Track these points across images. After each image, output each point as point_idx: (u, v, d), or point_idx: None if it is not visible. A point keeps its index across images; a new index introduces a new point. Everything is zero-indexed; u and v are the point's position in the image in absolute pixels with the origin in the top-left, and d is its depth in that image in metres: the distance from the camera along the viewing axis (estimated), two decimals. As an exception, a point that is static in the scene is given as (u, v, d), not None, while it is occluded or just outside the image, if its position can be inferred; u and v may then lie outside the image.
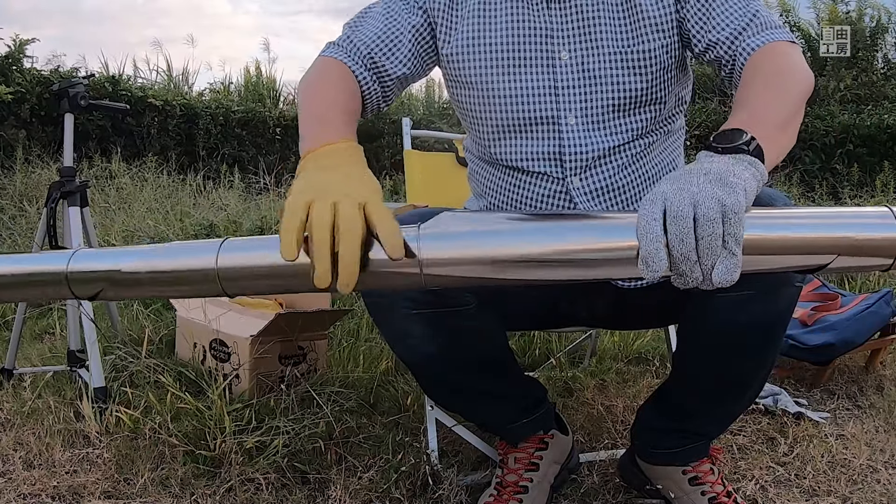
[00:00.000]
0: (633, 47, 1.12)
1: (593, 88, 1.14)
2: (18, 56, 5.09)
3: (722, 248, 0.66)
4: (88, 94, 1.93)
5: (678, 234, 0.66)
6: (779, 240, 0.68)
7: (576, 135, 1.15)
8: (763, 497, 1.36)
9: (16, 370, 1.93)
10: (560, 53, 1.14)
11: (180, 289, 0.78)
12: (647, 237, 0.66)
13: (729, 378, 1.16)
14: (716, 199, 0.66)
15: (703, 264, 0.66)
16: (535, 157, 1.17)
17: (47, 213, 1.84)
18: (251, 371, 1.76)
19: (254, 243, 0.75)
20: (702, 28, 1.09)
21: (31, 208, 3.97)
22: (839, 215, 0.70)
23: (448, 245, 0.71)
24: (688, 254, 0.66)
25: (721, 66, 1.09)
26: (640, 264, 0.67)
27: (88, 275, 0.78)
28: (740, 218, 0.66)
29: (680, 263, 0.66)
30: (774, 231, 0.68)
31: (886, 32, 6.55)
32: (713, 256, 0.66)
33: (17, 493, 1.35)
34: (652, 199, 0.69)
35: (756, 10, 1.07)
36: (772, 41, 1.04)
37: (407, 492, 1.34)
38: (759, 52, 1.03)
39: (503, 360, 1.26)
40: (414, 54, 1.18)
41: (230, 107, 6.58)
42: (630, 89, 1.13)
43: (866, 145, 5.78)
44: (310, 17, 22.82)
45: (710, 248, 0.65)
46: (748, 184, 0.71)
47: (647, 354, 2.14)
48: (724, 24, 1.07)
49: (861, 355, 2.11)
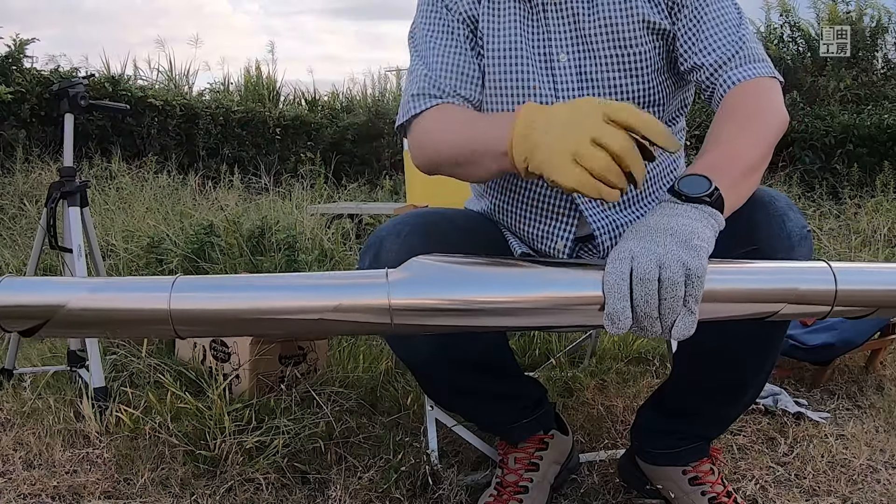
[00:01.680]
0: (627, 49, 1.12)
1: (591, 90, 1.14)
2: (18, 56, 5.08)
3: (683, 307, 0.71)
4: (88, 94, 1.93)
5: (643, 296, 0.70)
6: (734, 291, 0.75)
7: None
8: (763, 497, 1.36)
9: (16, 370, 1.93)
10: (559, 56, 1.14)
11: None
12: (614, 296, 0.71)
13: (729, 379, 1.16)
14: (680, 262, 0.71)
15: (664, 321, 0.71)
16: None
17: (47, 213, 1.84)
18: (251, 371, 1.76)
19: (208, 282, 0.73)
20: (690, 48, 1.10)
21: (31, 208, 3.97)
22: (785, 270, 0.78)
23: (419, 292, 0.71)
24: (651, 312, 0.71)
25: (702, 90, 1.11)
26: (605, 320, 0.71)
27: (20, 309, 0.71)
28: (702, 281, 0.71)
29: (642, 320, 0.71)
30: (730, 284, 0.74)
31: (886, 32, 6.55)
32: (674, 315, 0.71)
33: (17, 493, 1.35)
34: (620, 258, 0.73)
35: (744, 40, 1.08)
36: (754, 77, 1.05)
37: (407, 492, 1.34)
38: (739, 86, 1.04)
39: (503, 360, 1.26)
40: (480, 74, 1.18)
41: (230, 107, 6.58)
42: (626, 91, 1.14)
43: (866, 145, 5.78)
44: (310, 16, 22.85)
45: (672, 308, 0.71)
46: (710, 243, 0.76)
47: (647, 354, 2.14)
48: (710, 50, 1.08)
49: (861, 355, 2.11)
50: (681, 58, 1.12)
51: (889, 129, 5.67)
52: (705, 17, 1.10)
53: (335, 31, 22.39)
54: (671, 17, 1.13)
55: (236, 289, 0.72)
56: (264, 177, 5.20)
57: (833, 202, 4.67)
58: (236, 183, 5.30)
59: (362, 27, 34.08)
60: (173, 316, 0.69)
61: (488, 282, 0.72)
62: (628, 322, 0.71)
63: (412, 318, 0.71)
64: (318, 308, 0.70)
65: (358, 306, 0.70)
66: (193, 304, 0.70)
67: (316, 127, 7.31)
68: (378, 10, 63.10)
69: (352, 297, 0.70)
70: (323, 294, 0.71)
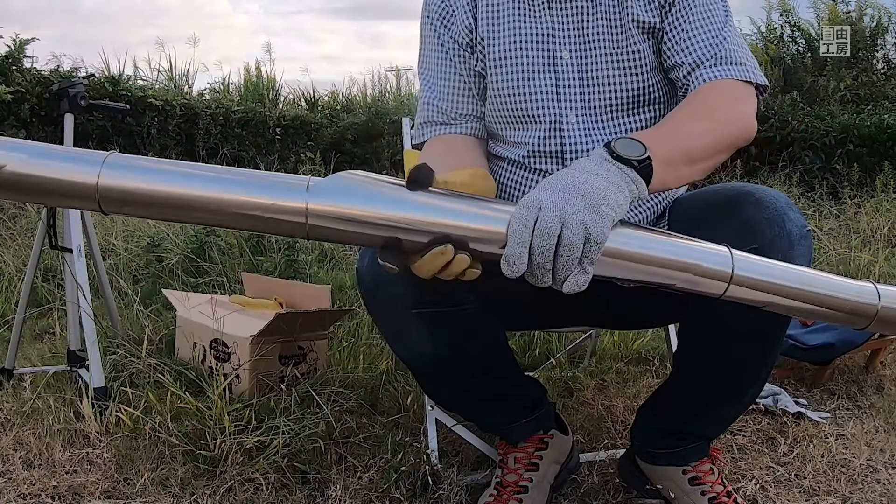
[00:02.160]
0: (625, 48, 1.14)
1: (592, 88, 1.16)
2: (18, 56, 5.08)
3: (578, 265, 0.74)
4: (88, 94, 1.93)
5: (540, 247, 0.74)
6: (637, 255, 0.79)
7: (577, 133, 1.16)
8: (763, 497, 1.36)
9: (16, 370, 1.93)
10: (561, 53, 1.16)
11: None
12: (514, 240, 0.74)
13: (729, 379, 1.16)
14: (583, 225, 0.74)
15: (557, 275, 0.75)
16: (538, 155, 1.19)
17: (47, 212, 1.84)
18: (251, 371, 1.76)
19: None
20: (672, 46, 1.13)
21: (31, 208, 3.97)
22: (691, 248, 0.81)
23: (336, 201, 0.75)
24: (545, 264, 0.74)
25: (678, 87, 1.14)
26: (502, 261, 0.75)
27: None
28: (600, 247, 0.75)
29: (536, 269, 0.75)
30: (634, 249, 0.79)
31: (886, 33, 6.54)
32: (567, 272, 0.74)
33: (17, 493, 1.35)
34: (528, 206, 0.75)
35: (726, 41, 1.09)
36: (726, 77, 1.06)
37: (407, 492, 1.34)
38: (709, 84, 1.06)
39: (503, 360, 1.26)
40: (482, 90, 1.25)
41: (230, 107, 6.57)
42: (625, 89, 1.15)
43: (866, 145, 5.77)
44: (309, 16, 22.87)
45: (566, 265, 0.74)
46: (619, 210, 0.77)
47: (647, 354, 2.14)
48: (690, 50, 1.10)
49: (861, 355, 2.11)
50: (664, 55, 1.14)
51: (889, 129, 5.66)
52: (691, 16, 1.11)
53: (334, 30, 22.44)
54: (662, 16, 1.14)
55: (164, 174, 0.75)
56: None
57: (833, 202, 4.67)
58: (236, 183, 5.29)
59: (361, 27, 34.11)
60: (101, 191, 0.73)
61: (401, 203, 0.76)
62: (523, 268, 0.74)
63: (326, 222, 0.75)
64: (240, 203, 0.74)
65: (277, 207, 0.75)
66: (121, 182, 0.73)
67: (316, 127, 7.30)
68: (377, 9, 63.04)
69: (272, 197, 0.75)
70: (248, 190, 0.75)
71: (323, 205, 0.75)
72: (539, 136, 1.18)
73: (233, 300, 2.14)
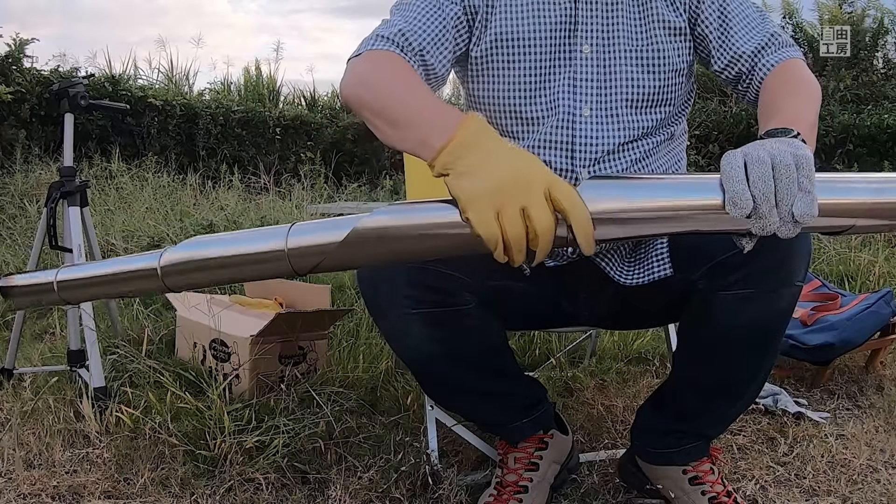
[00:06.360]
0: (648, 47, 1.16)
1: (610, 83, 1.16)
2: (18, 56, 5.07)
3: (798, 189, 0.72)
4: (88, 94, 1.93)
5: (759, 175, 0.72)
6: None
7: (589, 127, 1.16)
8: (763, 497, 1.36)
9: (16, 370, 1.93)
10: (582, 46, 1.16)
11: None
12: (732, 180, 0.73)
13: (729, 378, 1.16)
14: (789, 152, 0.74)
15: (781, 208, 0.72)
16: (547, 146, 1.17)
17: (47, 213, 1.84)
18: (251, 371, 1.76)
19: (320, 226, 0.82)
20: (721, 45, 1.15)
21: (32, 208, 3.97)
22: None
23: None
24: (768, 195, 0.72)
25: (740, 80, 1.16)
26: (727, 205, 0.73)
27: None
28: (812, 165, 0.73)
29: (761, 204, 0.72)
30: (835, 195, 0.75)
31: (888, 34, 6.54)
32: (791, 197, 0.72)
33: (17, 493, 1.35)
34: (732, 154, 0.76)
35: (773, 31, 1.15)
36: (788, 58, 1.11)
37: (407, 492, 1.34)
38: (778, 67, 1.11)
39: (503, 359, 1.25)
40: (453, 54, 1.15)
41: (230, 107, 6.57)
42: (644, 87, 1.16)
43: (866, 145, 5.77)
44: (309, 16, 22.82)
45: (788, 189, 0.72)
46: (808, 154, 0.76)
47: (647, 354, 2.14)
48: (744, 42, 1.14)
49: (861, 355, 2.11)
50: (713, 57, 1.17)
51: (889, 129, 5.66)
52: (730, 14, 1.16)
53: (335, 29, 22.39)
54: (692, 18, 1.17)
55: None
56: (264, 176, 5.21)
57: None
58: (236, 183, 5.30)
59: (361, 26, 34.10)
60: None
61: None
62: (749, 203, 0.72)
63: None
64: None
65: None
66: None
67: (316, 126, 7.30)
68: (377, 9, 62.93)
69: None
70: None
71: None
72: (549, 127, 1.16)
73: (232, 300, 2.14)
